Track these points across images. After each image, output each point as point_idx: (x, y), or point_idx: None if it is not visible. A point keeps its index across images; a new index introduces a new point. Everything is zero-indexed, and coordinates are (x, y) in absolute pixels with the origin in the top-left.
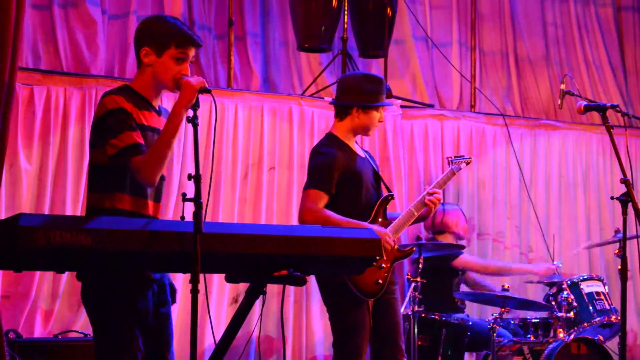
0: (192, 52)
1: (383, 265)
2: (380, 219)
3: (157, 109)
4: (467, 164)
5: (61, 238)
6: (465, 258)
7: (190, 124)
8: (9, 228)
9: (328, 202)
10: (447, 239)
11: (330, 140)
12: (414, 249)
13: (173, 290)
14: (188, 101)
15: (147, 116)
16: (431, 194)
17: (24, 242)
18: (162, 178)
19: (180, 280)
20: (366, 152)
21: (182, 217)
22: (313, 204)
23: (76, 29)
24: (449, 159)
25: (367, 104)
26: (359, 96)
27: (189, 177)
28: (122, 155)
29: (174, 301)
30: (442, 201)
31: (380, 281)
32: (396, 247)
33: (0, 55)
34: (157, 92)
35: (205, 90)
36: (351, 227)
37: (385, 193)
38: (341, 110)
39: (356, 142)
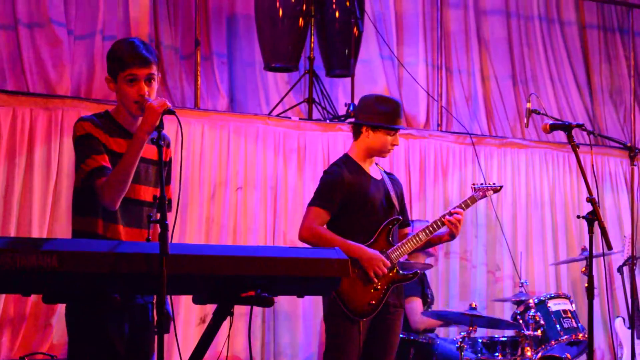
0: (142, 72)
1: (378, 287)
2: (383, 241)
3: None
4: (496, 192)
5: (27, 260)
6: (415, 304)
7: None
8: None
9: (330, 220)
10: (417, 257)
11: (341, 161)
12: (418, 272)
13: (163, 317)
14: (150, 125)
15: (120, 144)
16: (452, 214)
17: None
18: (144, 203)
19: None
20: (390, 174)
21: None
22: (312, 221)
23: (42, 49)
24: (474, 185)
25: (375, 124)
26: (369, 116)
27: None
28: (89, 179)
29: (166, 330)
30: (462, 221)
31: (374, 302)
32: (397, 269)
33: None
34: (133, 118)
35: (169, 112)
36: (320, 248)
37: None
38: (355, 130)
39: (376, 163)
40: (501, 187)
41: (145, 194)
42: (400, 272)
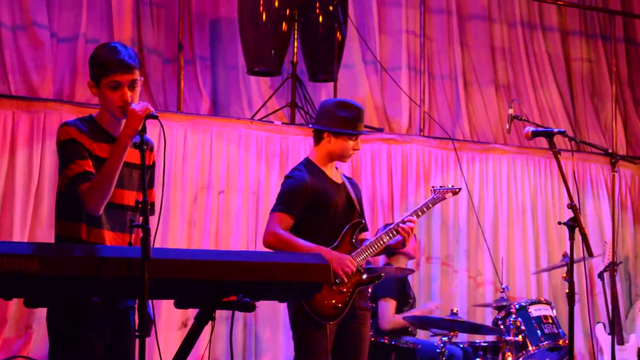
0: (125, 78)
1: (344, 290)
2: (347, 244)
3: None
4: (455, 194)
5: (8, 264)
6: (386, 306)
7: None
8: None
9: (294, 225)
10: (398, 261)
11: (303, 165)
12: (383, 275)
13: (144, 321)
14: (133, 130)
15: (104, 149)
16: (404, 222)
17: None
18: (127, 208)
19: None
20: (349, 179)
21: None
22: (276, 226)
23: (25, 51)
24: (433, 188)
25: (337, 130)
26: (330, 121)
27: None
28: (72, 184)
29: (147, 334)
30: (414, 230)
31: (340, 305)
32: (362, 272)
33: None
34: (116, 122)
35: (151, 116)
36: (302, 252)
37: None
38: (316, 135)
39: (336, 167)
40: (459, 189)
41: (129, 198)
42: (365, 275)
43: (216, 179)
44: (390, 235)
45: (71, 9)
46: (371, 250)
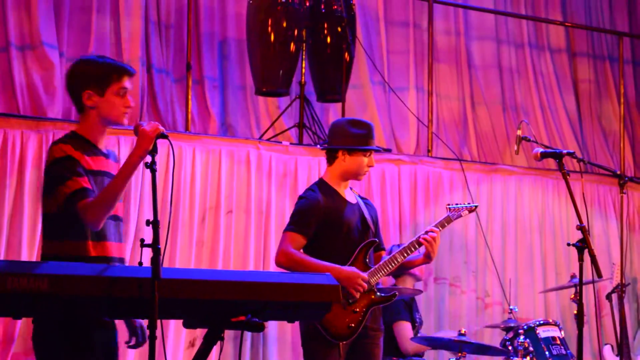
0: (129, 84)
1: (357, 309)
2: (360, 263)
3: (105, 152)
4: (471, 211)
5: (18, 283)
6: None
7: (148, 169)
8: None
9: (307, 244)
10: (405, 282)
11: (317, 185)
12: (396, 294)
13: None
14: (144, 150)
15: (95, 161)
16: (427, 232)
17: None
18: (119, 219)
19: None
20: (364, 199)
21: (140, 263)
22: (288, 246)
23: (34, 71)
24: (448, 205)
25: (352, 147)
26: (344, 139)
27: (147, 222)
28: (72, 201)
29: (144, 340)
30: (437, 240)
31: (353, 325)
32: (375, 291)
33: None
34: (103, 134)
35: (162, 136)
36: (311, 273)
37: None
38: (329, 155)
39: (351, 187)
40: (476, 206)
41: (118, 209)
42: (379, 294)
43: (224, 198)
44: (405, 253)
45: (80, 29)
46: (385, 269)
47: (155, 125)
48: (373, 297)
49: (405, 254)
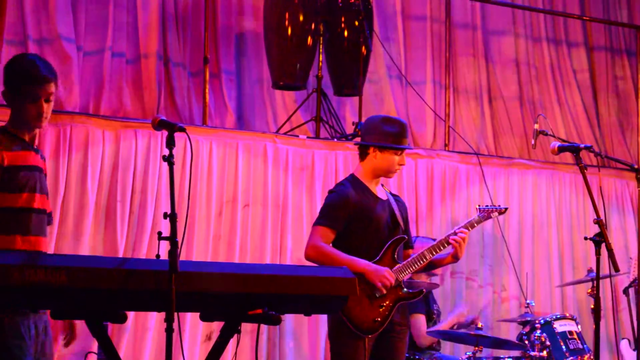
0: (43, 90)
1: (384, 304)
2: (388, 259)
3: (35, 147)
4: (501, 213)
5: (36, 276)
6: (419, 321)
7: (165, 162)
8: None
9: (337, 238)
10: (420, 276)
11: (348, 181)
12: (424, 291)
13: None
14: None
15: (26, 156)
16: (456, 233)
17: None
18: (44, 212)
19: (153, 319)
20: (395, 196)
21: (157, 256)
22: (318, 240)
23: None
24: (479, 207)
25: (382, 145)
26: (376, 137)
27: (165, 215)
28: None
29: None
30: (466, 241)
31: (379, 319)
32: (402, 287)
33: None
34: (29, 130)
35: (180, 129)
36: (328, 266)
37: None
38: (361, 150)
39: (382, 184)
40: (506, 209)
41: (45, 203)
42: (406, 289)
43: (241, 192)
44: (434, 252)
45: (97, 23)
46: (413, 266)
47: None
48: (400, 293)
49: (434, 252)
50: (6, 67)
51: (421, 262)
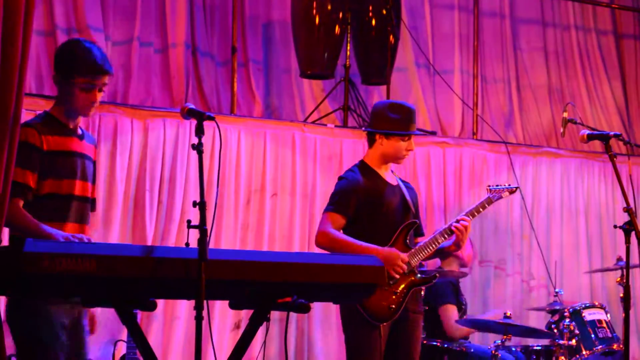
0: (99, 81)
1: (397, 291)
2: (400, 244)
3: (79, 133)
4: (512, 192)
5: (66, 264)
6: (450, 312)
7: (195, 151)
8: (13, 254)
9: (346, 224)
10: (451, 264)
11: (357, 167)
12: (437, 276)
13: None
14: None
15: (65, 141)
16: (458, 221)
17: (28, 268)
18: (86, 200)
19: (183, 307)
20: (405, 182)
21: (187, 244)
22: (328, 226)
23: None
24: (489, 187)
25: (388, 132)
26: (382, 123)
27: (194, 204)
28: (12, 188)
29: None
30: (468, 229)
31: (393, 306)
32: (416, 272)
33: (6, 86)
34: (75, 116)
35: (209, 118)
36: (356, 254)
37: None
38: (369, 137)
39: (392, 170)
40: (517, 188)
41: (87, 190)
42: (419, 275)
43: (269, 181)
44: (445, 236)
45: (125, 13)
46: (426, 251)
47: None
48: (413, 278)
49: (446, 236)
50: (61, 52)
51: (433, 246)
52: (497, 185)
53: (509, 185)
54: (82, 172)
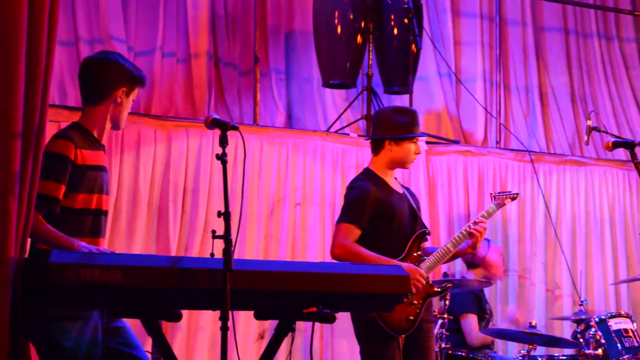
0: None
1: (414, 302)
2: (414, 255)
3: (103, 146)
4: (513, 199)
5: (92, 275)
6: (470, 321)
7: (219, 161)
8: (39, 264)
9: (360, 235)
10: (478, 274)
11: (365, 175)
12: (450, 285)
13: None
14: None
15: (96, 156)
16: (477, 223)
17: (55, 279)
18: (106, 213)
19: (207, 317)
20: (407, 188)
21: (212, 254)
22: (344, 238)
23: None
24: (492, 194)
25: (399, 136)
26: (390, 129)
27: (219, 214)
28: (37, 200)
29: None
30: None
31: (411, 317)
32: (430, 283)
33: (31, 97)
34: (107, 129)
35: (232, 128)
36: (381, 264)
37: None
38: (375, 145)
39: (396, 177)
40: (517, 194)
41: (108, 203)
42: (434, 287)
43: (292, 191)
44: (455, 242)
45: (148, 23)
46: (439, 261)
47: None
48: (429, 288)
49: (456, 243)
50: (98, 65)
51: (445, 254)
52: (500, 192)
53: (510, 191)
54: (107, 186)
